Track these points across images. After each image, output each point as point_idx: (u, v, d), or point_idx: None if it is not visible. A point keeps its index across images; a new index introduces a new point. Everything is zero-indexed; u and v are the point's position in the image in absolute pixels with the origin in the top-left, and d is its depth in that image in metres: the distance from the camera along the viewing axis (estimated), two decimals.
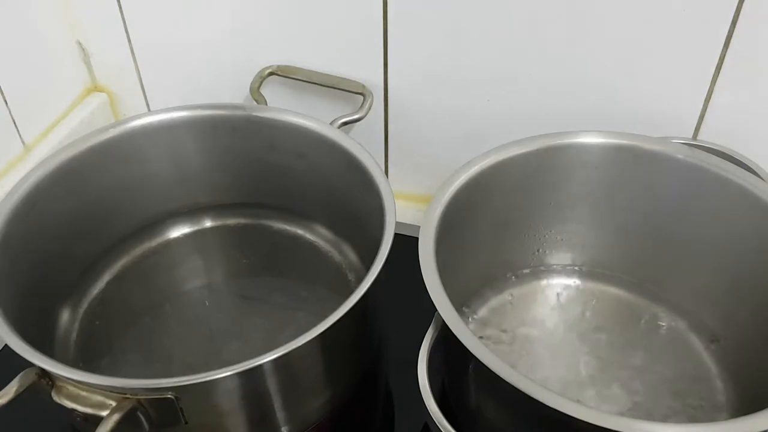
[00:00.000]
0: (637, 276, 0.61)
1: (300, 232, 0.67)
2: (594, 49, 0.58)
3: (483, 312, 0.60)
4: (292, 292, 0.63)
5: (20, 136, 0.68)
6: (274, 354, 0.43)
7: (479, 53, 0.61)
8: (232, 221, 0.68)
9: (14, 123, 0.67)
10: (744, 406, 0.52)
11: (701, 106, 0.59)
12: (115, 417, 0.42)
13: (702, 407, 0.54)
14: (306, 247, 0.66)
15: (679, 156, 0.54)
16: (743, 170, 0.53)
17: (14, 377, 0.44)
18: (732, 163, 0.54)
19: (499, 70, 0.62)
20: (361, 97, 0.64)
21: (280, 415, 0.50)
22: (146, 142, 0.61)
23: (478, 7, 0.58)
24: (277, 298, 0.62)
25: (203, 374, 0.42)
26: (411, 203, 0.73)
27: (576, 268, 0.62)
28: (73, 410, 0.43)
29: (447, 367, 0.52)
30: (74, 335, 0.59)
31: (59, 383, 0.44)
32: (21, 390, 0.43)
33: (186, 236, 0.67)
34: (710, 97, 0.58)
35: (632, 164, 0.55)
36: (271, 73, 0.67)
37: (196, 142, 0.62)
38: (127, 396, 0.43)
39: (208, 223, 0.68)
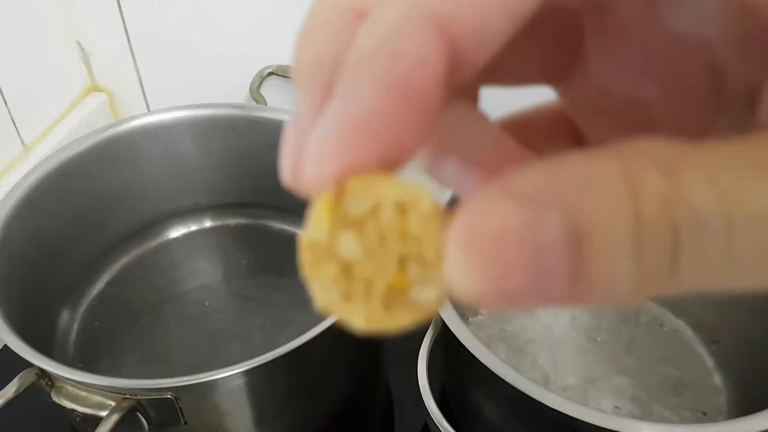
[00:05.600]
0: None
1: (300, 232, 0.67)
2: None
3: (483, 312, 0.60)
4: (292, 292, 0.63)
5: (20, 136, 0.68)
6: (273, 354, 0.43)
7: None
8: (232, 221, 0.68)
9: (14, 123, 0.67)
10: (744, 406, 0.52)
11: None
12: (115, 417, 0.42)
13: (702, 407, 0.54)
14: None
15: None
16: None
17: (14, 377, 0.44)
18: None
19: None
20: None
21: (279, 415, 0.50)
22: (146, 142, 0.61)
23: None
24: (277, 298, 0.62)
25: (203, 374, 0.42)
26: None
27: None
28: (72, 410, 0.43)
29: (447, 367, 0.52)
30: (74, 335, 0.59)
31: (59, 383, 0.44)
32: (21, 390, 0.43)
33: (186, 236, 0.67)
34: None
35: None
36: (271, 73, 0.67)
37: (196, 142, 0.62)
38: (127, 396, 0.43)
39: (208, 223, 0.68)
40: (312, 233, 0.12)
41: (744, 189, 0.10)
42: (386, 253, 0.11)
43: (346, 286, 0.12)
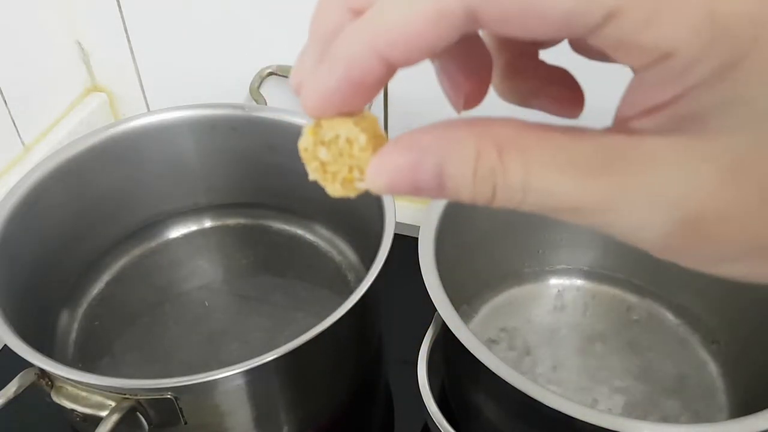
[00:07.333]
0: (637, 276, 0.61)
1: (300, 232, 0.67)
2: None
3: (483, 312, 0.60)
4: (292, 292, 0.63)
5: (20, 136, 0.68)
6: (273, 354, 0.43)
7: None
8: (231, 221, 0.68)
9: (14, 123, 0.67)
10: (744, 406, 0.52)
11: None
12: (115, 417, 0.42)
13: (702, 407, 0.54)
14: (306, 247, 0.66)
15: None
16: None
17: (14, 377, 0.44)
18: None
19: None
20: None
21: (279, 415, 0.50)
22: (146, 142, 0.61)
23: None
24: (277, 298, 0.62)
25: (203, 374, 0.42)
26: (411, 203, 0.73)
27: (576, 268, 0.62)
28: (72, 410, 0.43)
29: (447, 367, 0.52)
30: (74, 335, 0.59)
31: (59, 383, 0.44)
32: (20, 390, 0.43)
33: (186, 236, 0.67)
34: None
35: None
36: (270, 73, 0.67)
37: (196, 142, 0.62)
38: (127, 396, 0.43)
39: (208, 223, 0.68)
40: (304, 144, 0.21)
41: (538, 169, 0.18)
42: (342, 162, 0.20)
43: (323, 173, 0.21)
